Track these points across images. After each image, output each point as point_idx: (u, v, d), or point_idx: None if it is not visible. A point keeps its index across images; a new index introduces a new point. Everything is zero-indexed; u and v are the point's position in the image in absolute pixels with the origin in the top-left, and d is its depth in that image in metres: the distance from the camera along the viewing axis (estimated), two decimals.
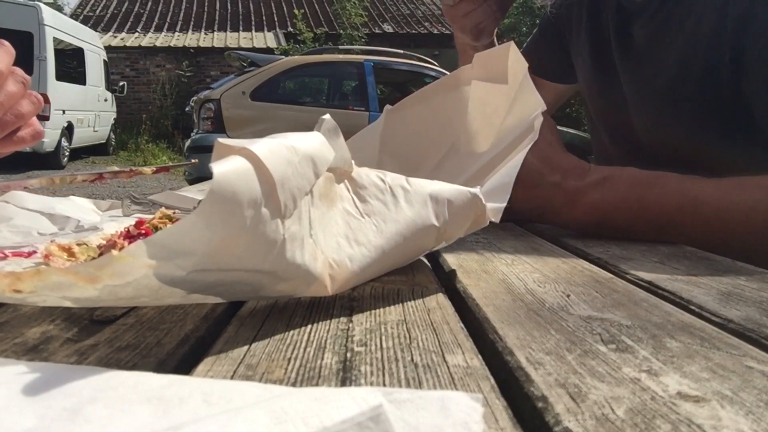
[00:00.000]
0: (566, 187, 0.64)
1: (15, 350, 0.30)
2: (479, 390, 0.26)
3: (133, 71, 12.27)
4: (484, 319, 0.36)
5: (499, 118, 0.61)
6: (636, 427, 0.22)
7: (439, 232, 0.43)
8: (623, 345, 0.31)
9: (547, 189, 0.64)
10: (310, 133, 0.35)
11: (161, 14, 13.93)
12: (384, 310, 0.38)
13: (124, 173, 0.66)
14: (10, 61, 0.53)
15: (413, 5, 14.63)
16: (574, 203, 0.64)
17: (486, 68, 0.63)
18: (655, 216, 0.63)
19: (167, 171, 0.74)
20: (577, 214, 0.65)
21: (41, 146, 7.60)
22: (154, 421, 0.21)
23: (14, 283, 0.27)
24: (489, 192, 0.46)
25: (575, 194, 0.64)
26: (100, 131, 10.47)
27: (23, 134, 0.57)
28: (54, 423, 0.21)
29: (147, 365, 0.29)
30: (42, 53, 7.93)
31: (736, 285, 0.45)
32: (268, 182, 0.29)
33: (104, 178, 0.64)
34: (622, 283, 0.46)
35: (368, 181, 0.40)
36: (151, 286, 0.28)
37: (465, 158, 0.64)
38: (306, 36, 11.00)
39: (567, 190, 0.64)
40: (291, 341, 0.32)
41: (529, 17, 12.04)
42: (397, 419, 0.20)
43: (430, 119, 0.68)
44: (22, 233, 0.57)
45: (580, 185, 0.64)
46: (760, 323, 0.36)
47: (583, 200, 0.64)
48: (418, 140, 0.68)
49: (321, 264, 0.35)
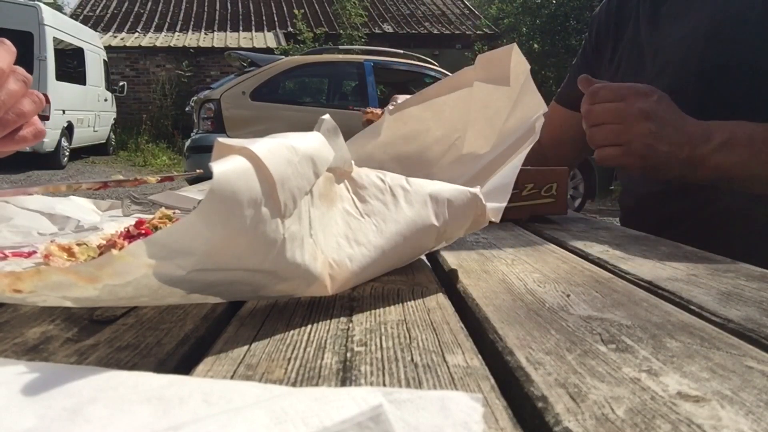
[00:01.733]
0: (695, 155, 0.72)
1: (15, 350, 0.30)
2: (479, 390, 0.26)
3: (133, 71, 12.26)
4: (484, 319, 0.36)
5: (501, 120, 0.61)
6: (636, 427, 0.22)
7: (439, 232, 0.43)
8: (623, 345, 0.31)
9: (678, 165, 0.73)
10: (310, 133, 0.35)
11: (161, 14, 13.94)
12: (384, 310, 0.38)
13: (128, 182, 0.66)
14: (11, 59, 0.53)
15: (413, 5, 14.63)
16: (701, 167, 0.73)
17: (488, 70, 0.63)
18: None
19: (172, 180, 0.74)
20: (703, 174, 0.73)
21: (41, 146, 7.59)
22: (154, 421, 0.21)
23: (14, 283, 0.27)
24: (489, 192, 0.46)
25: (702, 159, 0.72)
26: (100, 131, 10.46)
27: (24, 133, 0.57)
28: (54, 423, 0.21)
29: (147, 365, 0.29)
30: (42, 53, 7.93)
31: (736, 285, 0.45)
32: (268, 182, 0.29)
33: (108, 186, 0.64)
34: (622, 283, 0.46)
35: (368, 181, 0.40)
36: (151, 286, 0.28)
37: (466, 159, 0.64)
38: (306, 36, 10.99)
39: (695, 158, 0.72)
40: (291, 341, 0.32)
41: (530, 17, 12.04)
42: (397, 419, 0.20)
43: (431, 120, 0.68)
44: (22, 233, 0.57)
45: (706, 151, 0.72)
46: (760, 323, 0.36)
47: (709, 164, 0.72)
48: (419, 141, 0.68)
49: (321, 264, 0.35)
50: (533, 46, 11.50)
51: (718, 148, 0.72)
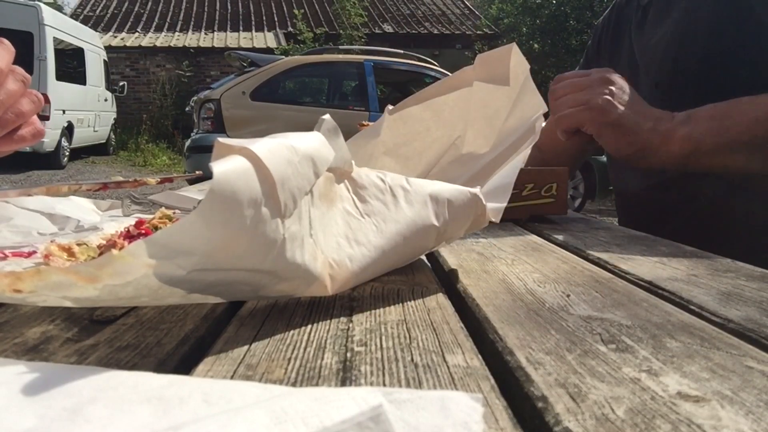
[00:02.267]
0: (660, 128, 0.75)
1: (15, 350, 0.30)
2: (479, 390, 0.26)
3: (133, 71, 12.26)
4: (484, 319, 0.36)
5: (501, 120, 0.61)
6: (636, 427, 0.22)
7: (439, 232, 0.43)
8: (623, 345, 0.31)
9: (645, 134, 0.75)
10: (310, 133, 0.35)
11: (161, 14, 13.93)
12: (384, 310, 0.38)
13: (128, 183, 0.66)
14: (10, 59, 0.53)
15: (413, 5, 14.63)
16: (669, 140, 0.75)
17: (488, 69, 0.63)
18: (737, 134, 0.73)
19: (171, 182, 0.74)
20: (673, 148, 0.75)
21: (41, 146, 7.59)
22: (154, 421, 0.21)
23: (14, 283, 0.27)
24: (489, 192, 0.46)
25: (668, 132, 0.75)
26: (100, 131, 10.46)
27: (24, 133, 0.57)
28: (54, 423, 0.21)
29: (147, 365, 0.29)
30: (42, 53, 7.92)
31: (736, 285, 0.45)
32: (268, 182, 0.29)
33: (108, 188, 0.64)
34: (622, 283, 0.46)
35: (368, 181, 0.40)
36: (151, 286, 0.28)
37: (466, 159, 0.64)
38: (306, 36, 10.99)
39: (661, 131, 0.75)
40: (291, 341, 0.32)
41: (530, 17, 12.04)
42: (397, 419, 0.20)
43: (431, 120, 0.68)
44: (22, 233, 0.57)
45: (670, 125, 0.75)
46: (760, 323, 0.36)
47: (676, 136, 0.75)
48: (419, 141, 0.68)
49: (321, 264, 0.35)
50: (533, 46, 11.50)
51: (683, 120, 0.75)
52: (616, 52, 1.08)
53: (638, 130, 0.75)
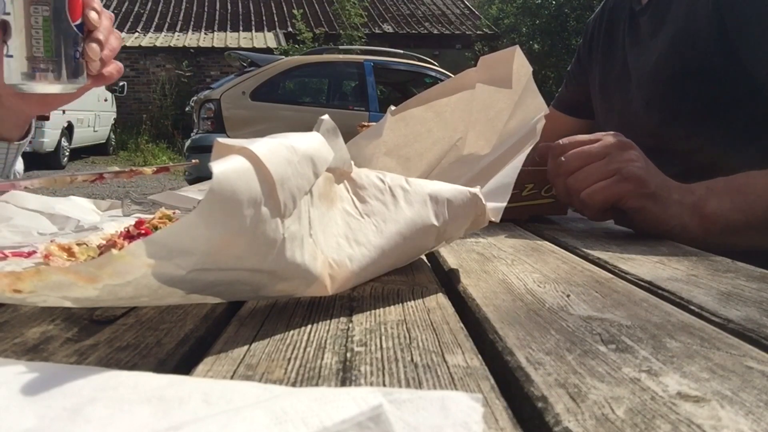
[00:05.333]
0: (686, 201, 0.68)
1: (15, 350, 0.30)
2: (479, 390, 0.26)
3: (133, 71, 12.26)
4: (484, 319, 0.36)
5: (502, 122, 0.61)
6: (636, 427, 0.22)
7: (439, 232, 0.43)
8: (623, 345, 0.31)
9: (675, 207, 0.68)
10: (310, 133, 0.35)
11: (161, 14, 13.93)
12: (384, 310, 0.38)
13: (124, 173, 0.66)
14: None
15: (413, 5, 14.63)
16: (700, 217, 0.68)
17: (491, 71, 0.63)
18: (762, 210, 0.68)
19: (167, 171, 0.74)
20: (706, 225, 0.68)
21: (41, 146, 7.60)
22: (154, 421, 0.21)
23: (14, 283, 0.27)
24: (489, 192, 0.46)
25: (695, 207, 0.68)
26: (100, 131, 10.46)
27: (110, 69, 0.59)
28: (54, 423, 0.21)
29: (147, 365, 0.29)
30: None
31: (736, 285, 0.45)
32: (268, 182, 0.29)
33: (104, 178, 0.64)
34: (622, 283, 0.46)
35: (368, 182, 0.40)
36: (151, 286, 0.28)
37: (467, 160, 0.64)
38: (306, 36, 10.99)
39: (687, 205, 0.68)
40: (291, 341, 0.32)
41: (530, 17, 12.05)
42: (397, 419, 0.20)
43: (432, 121, 0.68)
44: (22, 233, 0.57)
45: (695, 198, 0.69)
46: (760, 323, 0.36)
47: (705, 212, 0.68)
48: (420, 142, 0.68)
49: (321, 264, 0.35)
50: (533, 47, 11.52)
51: (705, 195, 0.68)
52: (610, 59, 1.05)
53: (670, 203, 0.67)
